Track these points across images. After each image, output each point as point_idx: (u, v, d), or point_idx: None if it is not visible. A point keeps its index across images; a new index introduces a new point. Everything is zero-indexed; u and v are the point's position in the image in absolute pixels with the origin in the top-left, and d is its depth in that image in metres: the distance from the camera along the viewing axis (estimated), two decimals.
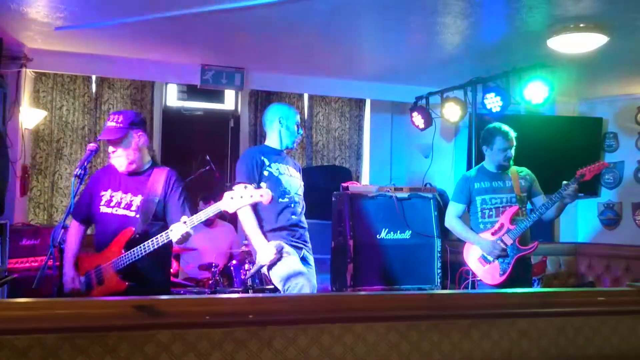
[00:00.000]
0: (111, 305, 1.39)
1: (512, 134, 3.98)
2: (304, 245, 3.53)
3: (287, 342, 1.37)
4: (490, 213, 3.97)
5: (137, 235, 2.96)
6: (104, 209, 3.07)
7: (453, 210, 4.13)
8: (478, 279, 4.06)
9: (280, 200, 3.44)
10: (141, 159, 3.10)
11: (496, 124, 4.06)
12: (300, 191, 3.63)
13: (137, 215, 3.03)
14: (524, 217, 3.92)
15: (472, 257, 4.03)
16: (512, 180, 4.00)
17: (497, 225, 3.92)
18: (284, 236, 3.42)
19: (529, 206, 4.10)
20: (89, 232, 3.33)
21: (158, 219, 3.06)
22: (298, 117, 3.67)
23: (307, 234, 3.59)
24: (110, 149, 3.04)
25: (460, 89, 5.75)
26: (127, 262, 2.91)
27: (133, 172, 3.09)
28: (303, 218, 3.60)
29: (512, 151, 3.98)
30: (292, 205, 3.50)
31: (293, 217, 3.48)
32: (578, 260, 6.44)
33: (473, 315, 1.55)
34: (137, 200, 3.06)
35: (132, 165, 3.06)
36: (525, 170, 4.10)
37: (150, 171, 3.12)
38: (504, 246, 3.86)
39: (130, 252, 2.91)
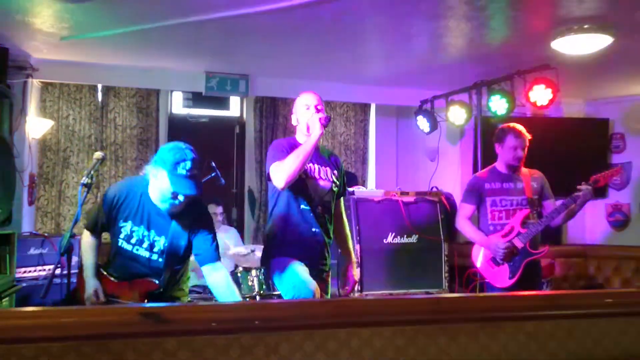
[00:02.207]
0: (117, 313, 1.40)
1: (525, 135, 3.91)
2: (319, 260, 3.19)
3: (293, 348, 1.37)
4: (500, 215, 3.91)
5: (161, 289, 2.76)
6: (123, 244, 2.79)
7: (463, 211, 4.07)
8: (486, 281, 4.01)
9: (302, 208, 3.09)
10: None
11: (510, 123, 4.01)
12: (328, 197, 3.19)
13: (160, 260, 2.78)
14: (535, 220, 3.88)
15: (482, 259, 3.98)
16: (524, 182, 3.94)
17: (507, 228, 3.86)
18: (296, 252, 3.09)
19: None
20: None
21: (182, 262, 2.87)
22: (308, 99, 3.20)
23: (325, 249, 3.20)
24: (182, 197, 2.68)
25: (465, 92, 5.74)
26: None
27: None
28: (325, 229, 3.19)
29: (523, 152, 3.90)
30: (312, 215, 3.12)
31: (311, 229, 3.11)
32: (587, 262, 6.40)
33: (480, 319, 1.54)
34: (161, 241, 2.78)
35: (182, 207, 2.74)
36: (537, 173, 4.04)
37: None
38: (512, 248, 3.80)
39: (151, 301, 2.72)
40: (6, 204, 4.29)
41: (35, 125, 5.48)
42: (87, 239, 2.92)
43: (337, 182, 3.28)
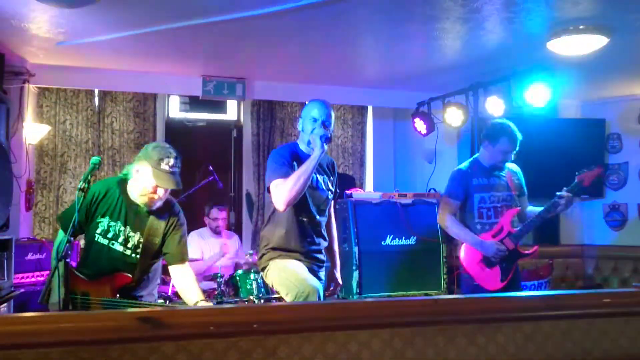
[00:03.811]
0: (115, 318, 1.39)
1: (519, 138, 3.78)
2: (317, 265, 3.23)
3: (292, 351, 1.37)
4: (489, 213, 3.76)
5: (134, 284, 2.87)
6: (99, 239, 2.89)
7: (448, 208, 3.86)
8: (475, 283, 3.83)
9: (300, 218, 3.10)
10: None
11: (505, 122, 3.84)
12: (324, 205, 3.23)
13: (134, 255, 2.89)
14: (523, 219, 3.79)
15: (472, 260, 3.80)
16: (506, 177, 3.83)
17: (497, 227, 3.73)
18: (294, 257, 3.12)
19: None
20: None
21: (155, 258, 2.97)
22: (318, 111, 3.10)
23: (321, 254, 3.26)
24: (162, 191, 2.88)
25: (461, 94, 5.75)
26: (119, 305, 2.77)
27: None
28: (322, 235, 3.24)
29: (513, 156, 3.81)
30: (311, 225, 3.15)
31: (308, 239, 3.15)
32: (585, 262, 6.42)
33: (478, 320, 1.55)
34: (136, 237, 2.91)
35: (160, 203, 2.92)
36: (515, 167, 3.92)
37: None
38: (506, 249, 3.70)
39: (125, 299, 2.80)
40: (3, 209, 4.28)
41: (32, 131, 5.47)
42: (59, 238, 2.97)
43: (333, 189, 3.31)
